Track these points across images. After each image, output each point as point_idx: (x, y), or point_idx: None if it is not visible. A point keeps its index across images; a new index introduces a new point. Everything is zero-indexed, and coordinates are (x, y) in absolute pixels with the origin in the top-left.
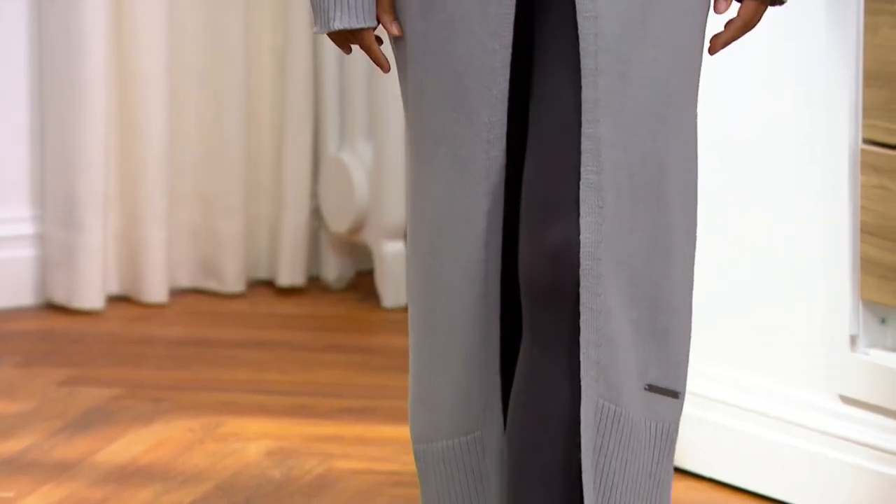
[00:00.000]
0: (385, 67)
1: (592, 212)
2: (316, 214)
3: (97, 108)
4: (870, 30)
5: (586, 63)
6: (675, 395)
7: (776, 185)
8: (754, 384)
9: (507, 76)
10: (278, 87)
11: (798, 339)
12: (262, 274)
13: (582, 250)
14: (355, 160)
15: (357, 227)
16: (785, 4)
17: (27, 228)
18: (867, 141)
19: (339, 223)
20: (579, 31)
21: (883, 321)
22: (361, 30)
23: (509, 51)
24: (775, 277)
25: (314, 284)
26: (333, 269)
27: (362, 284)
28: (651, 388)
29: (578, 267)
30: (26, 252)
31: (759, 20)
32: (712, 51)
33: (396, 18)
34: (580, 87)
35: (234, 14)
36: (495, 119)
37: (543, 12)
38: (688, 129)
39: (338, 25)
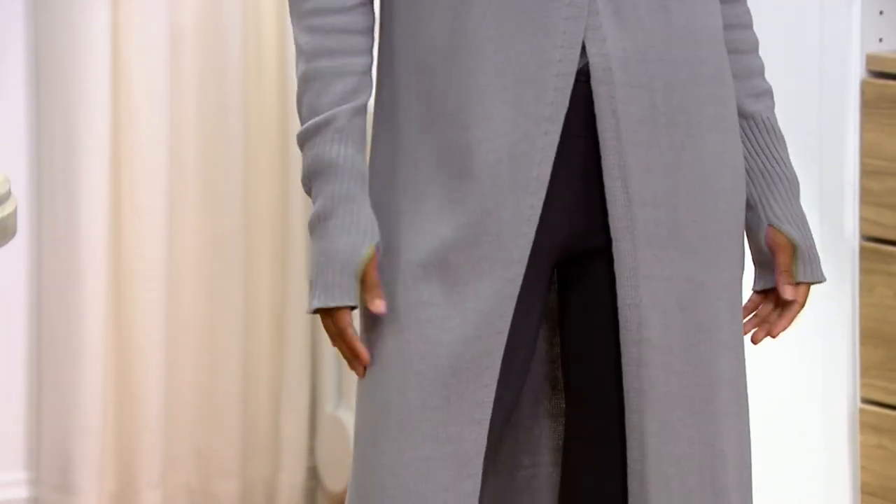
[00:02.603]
0: (364, 358)
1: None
2: (313, 474)
3: (95, 372)
4: (865, 289)
5: (628, 351)
6: None
7: (776, 440)
8: None
9: (501, 358)
10: (276, 346)
11: None
12: None
13: None
14: (352, 418)
15: None
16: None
17: (21, 492)
18: (865, 400)
19: (336, 482)
20: (620, 320)
21: None
22: (337, 309)
23: (505, 335)
24: None
25: None
26: None
27: None
28: None
29: None
30: None
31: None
32: (773, 335)
33: (382, 296)
34: (621, 373)
35: (233, 275)
36: (487, 399)
37: (574, 293)
38: (738, 403)
39: (316, 304)
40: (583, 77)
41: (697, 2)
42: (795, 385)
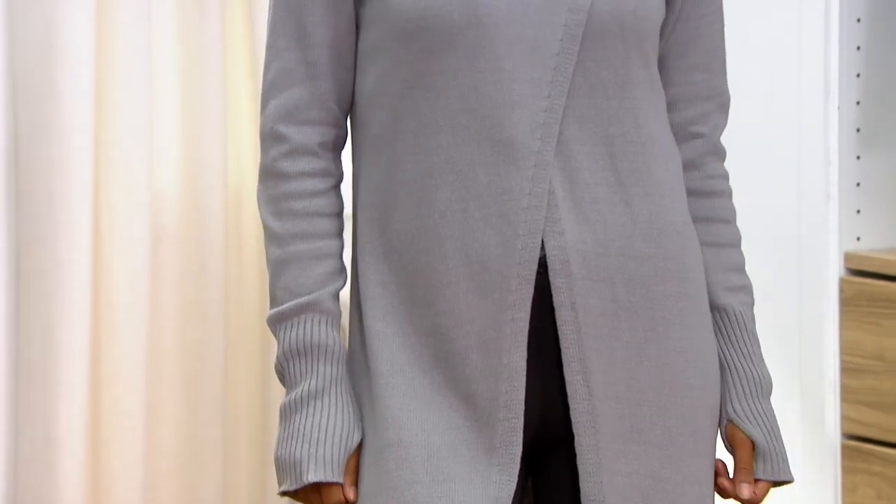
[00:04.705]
0: None
1: None
2: None
3: None
4: (848, 489)
5: None
6: None
7: None
8: None
9: None
10: None
11: None
12: None
13: None
14: None
15: None
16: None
17: None
18: None
19: None
20: None
21: None
22: (333, 485)
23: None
24: None
25: None
26: None
27: None
28: None
29: None
30: None
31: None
32: None
33: (356, 483)
34: None
35: (211, 476)
36: None
37: (539, 482)
38: None
39: (312, 478)
40: (542, 268)
41: (663, 197)
42: None
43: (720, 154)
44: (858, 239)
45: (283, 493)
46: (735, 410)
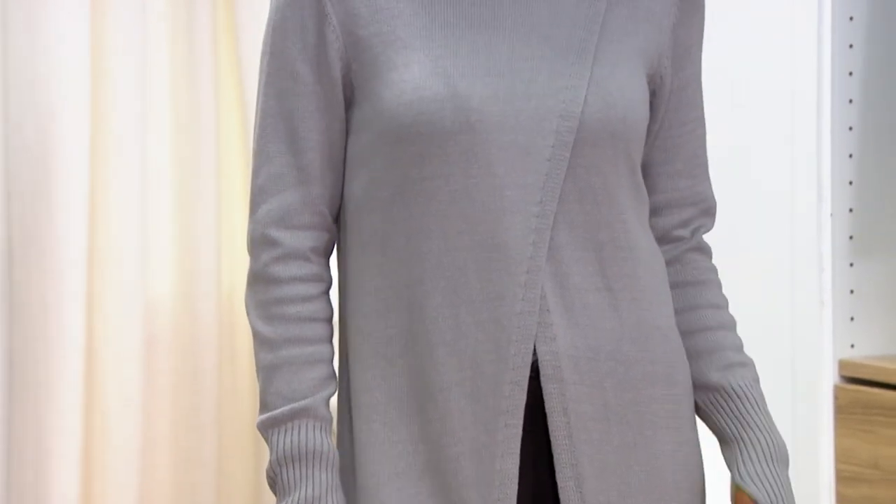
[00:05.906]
0: None
1: None
2: None
3: None
4: None
5: None
6: None
7: None
8: None
9: None
10: None
11: None
12: None
13: None
14: None
15: None
16: None
17: None
18: None
19: None
20: None
21: None
22: None
23: None
24: None
25: None
26: None
27: None
28: None
29: None
30: None
31: None
32: None
33: None
34: None
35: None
36: None
37: None
38: None
39: None
40: (534, 373)
41: (651, 303)
42: None
43: (705, 251)
44: (852, 346)
45: None
46: (741, 475)
